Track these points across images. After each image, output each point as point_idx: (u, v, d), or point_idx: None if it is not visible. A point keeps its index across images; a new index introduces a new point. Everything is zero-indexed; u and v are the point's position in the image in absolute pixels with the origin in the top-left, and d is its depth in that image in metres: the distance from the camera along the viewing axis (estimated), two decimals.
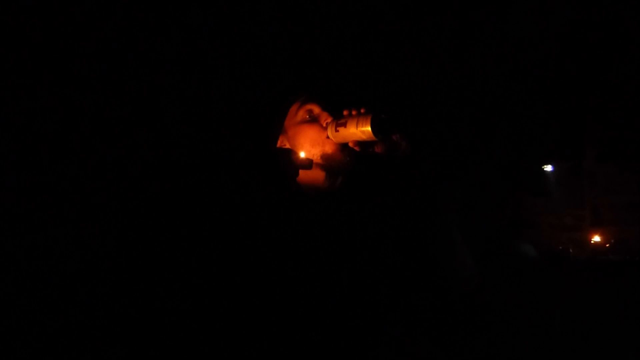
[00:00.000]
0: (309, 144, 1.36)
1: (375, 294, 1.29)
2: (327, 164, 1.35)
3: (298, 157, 1.31)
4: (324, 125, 1.35)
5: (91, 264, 1.50)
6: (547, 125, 2.60)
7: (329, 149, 1.35)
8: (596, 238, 2.71)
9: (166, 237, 1.38)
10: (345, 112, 1.33)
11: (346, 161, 1.34)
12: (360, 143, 1.31)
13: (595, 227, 2.77)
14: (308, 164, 1.32)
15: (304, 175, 1.35)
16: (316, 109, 1.39)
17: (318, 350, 1.21)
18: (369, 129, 1.26)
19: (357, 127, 1.28)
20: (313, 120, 1.38)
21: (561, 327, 1.93)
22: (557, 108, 2.62)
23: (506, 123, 2.38)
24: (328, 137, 1.35)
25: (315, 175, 1.37)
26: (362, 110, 1.30)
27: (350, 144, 1.32)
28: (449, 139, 2.24)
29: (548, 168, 2.71)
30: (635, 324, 1.90)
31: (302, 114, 1.38)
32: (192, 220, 1.35)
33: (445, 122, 2.28)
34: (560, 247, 2.69)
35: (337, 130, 1.32)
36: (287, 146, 1.39)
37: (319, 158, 1.35)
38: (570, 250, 2.66)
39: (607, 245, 2.66)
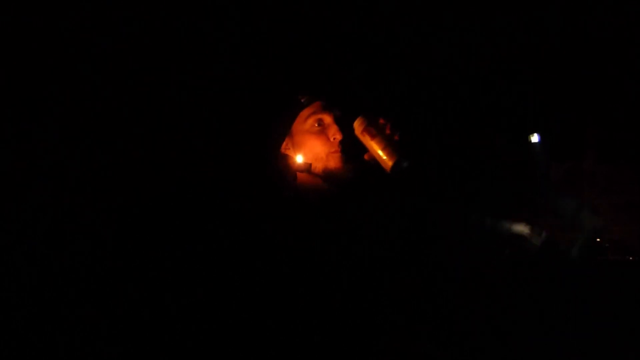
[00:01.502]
0: (312, 156, 1.35)
1: (375, 294, 1.29)
2: (328, 177, 1.35)
3: (295, 162, 1.31)
4: (331, 139, 1.35)
5: (91, 265, 1.50)
6: (547, 124, 2.59)
7: (331, 164, 1.34)
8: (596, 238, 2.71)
9: (166, 238, 1.38)
10: (381, 121, 1.32)
11: (347, 177, 1.34)
12: (374, 158, 1.31)
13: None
14: (306, 168, 1.32)
15: (303, 179, 1.36)
16: (327, 119, 1.38)
17: (318, 351, 1.21)
18: (389, 165, 1.26)
19: (381, 151, 1.28)
20: (321, 131, 1.37)
21: (560, 327, 1.93)
22: (557, 108, 2.62)
23: (506, 124, 2.36)
24: (334, 141, 1.35)
25: (315, 181, 1.37)
26: (395, 137, 1.30)
27: (366, 157, 1.32)
28: (453, 143, 2.23)
29: (535, 139, 2.57)
30: (635, 324, 1.90)
31: (311, 122, 1.37)
32: (192, 220, 1.36)
33: (448, 124, 2.27)
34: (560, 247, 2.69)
35: (363, 133, 1.31)
36: (291, 150, 1.38)
37: (320, 171, 1.35)
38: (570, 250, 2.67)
39: (607, 245, 2.66)
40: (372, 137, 1.29)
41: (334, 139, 1.35)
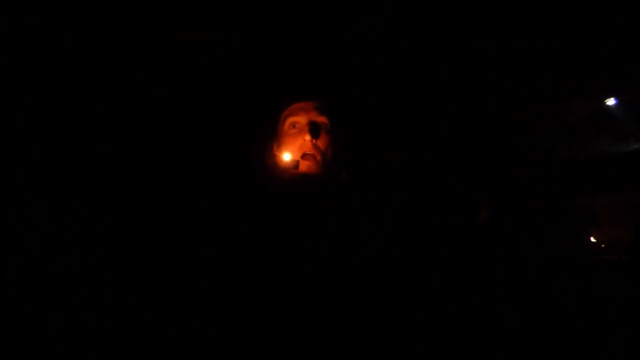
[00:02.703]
0: (292, 157, 1.38)
1: (374, 295, 1.30)
2: (301, 179, 1.36)
3: (282, 160, 1.33)
4: (303, 140, 1.38)
5: (89, 265, 1.50)
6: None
7: (300, 168, 1.36)
8: (591, 238, 2.72)
9: (163, 237, 1.38)
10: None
11: (317, 182, 1.36)
12: None
13: (591, 228, 2.77)
14: (293, 166, 1.34)
15: (290, 178, 1.37)
16: (302, 121, 1.41)
17: (318, 351, 1.22)
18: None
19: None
20: (297, 133, 1.40)
21: (557, 327, 1.94)
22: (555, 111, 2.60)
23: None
24: (306, 142, 1.39)
25: (298, 180, 1.39)
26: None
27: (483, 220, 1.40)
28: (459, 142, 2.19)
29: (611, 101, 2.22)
30: (631, 324, 1.91)
31: (288, 124, 1.42)
32: (187, 220, 1.36)
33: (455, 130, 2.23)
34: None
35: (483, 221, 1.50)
36: (278, 151, 1.41)
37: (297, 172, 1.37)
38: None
39: (603, 245, 2.67)
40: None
41: (305, 140, 1.37)
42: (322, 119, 1.40)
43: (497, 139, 2.18)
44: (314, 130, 1.37)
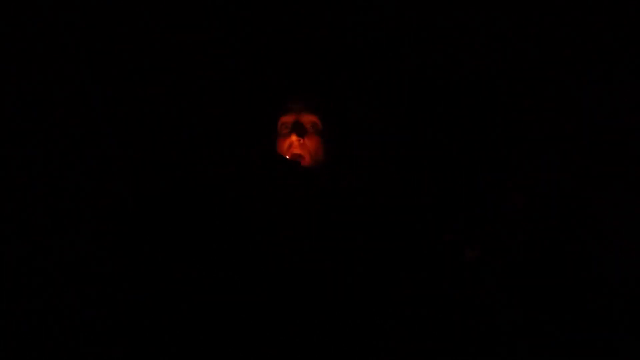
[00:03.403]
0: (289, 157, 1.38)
1: (374, 293, 1.30)
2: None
3: (282, 160, 1.33)
4: (291, 140, 1.39)
5: (89, 264, 1.50)
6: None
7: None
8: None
9: (164, 237, 1.39)
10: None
11: (309, 184, 1.37)
12: None
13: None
14: (294, 166, 1.34)
15: (289, 177, 1.37)
16: (291, 120, 1.41)
17: (318, 351, 1.22)
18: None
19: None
20: (288, 134, 1.41)
21: (558, 327, 1.94)
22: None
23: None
24: (293, 140, 1.39)
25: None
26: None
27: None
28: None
29: None
30: (632, 324, 1.91)
31: (279, 125, 1.42)
32: (189, 218, 1.36)
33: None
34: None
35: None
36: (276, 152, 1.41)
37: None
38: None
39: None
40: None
41: (291, 139, 1.37)
42: (311, 118, 1.39)
43: (498, 139, 2.17)
44: (298, 128, 1.36)
